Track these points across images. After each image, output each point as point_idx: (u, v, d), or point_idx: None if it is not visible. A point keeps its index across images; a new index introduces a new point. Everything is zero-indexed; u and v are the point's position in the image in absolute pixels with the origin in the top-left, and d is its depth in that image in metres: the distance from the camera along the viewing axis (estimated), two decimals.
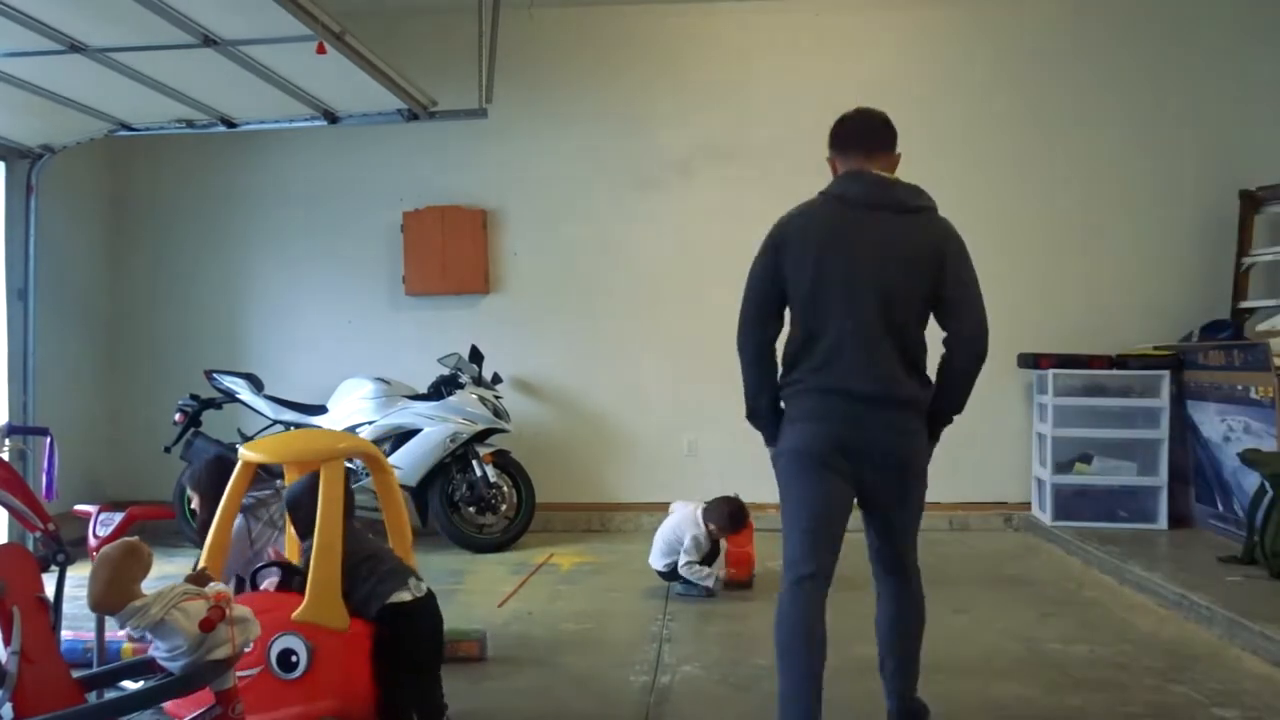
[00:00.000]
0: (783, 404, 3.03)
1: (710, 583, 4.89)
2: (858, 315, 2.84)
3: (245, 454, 3.11)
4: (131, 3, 3.71)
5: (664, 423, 6.97)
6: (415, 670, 2.97)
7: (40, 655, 2.37)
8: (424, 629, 2.99)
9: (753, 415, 3.12)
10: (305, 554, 2.96)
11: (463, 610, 4.67)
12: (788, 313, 3.00)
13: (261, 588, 3.03)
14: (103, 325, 7.17)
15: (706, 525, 4.93)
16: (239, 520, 3.42)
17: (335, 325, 7.13)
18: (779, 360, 3.02)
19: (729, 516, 4.94)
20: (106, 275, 7.20)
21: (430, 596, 3.05)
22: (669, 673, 3.83)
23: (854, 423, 2.86)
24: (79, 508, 3.57)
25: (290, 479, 3.30)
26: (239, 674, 2.52)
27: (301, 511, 3.06)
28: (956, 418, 3.07)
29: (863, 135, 3.15)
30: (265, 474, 3.76)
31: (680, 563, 4.89)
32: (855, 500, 2.98)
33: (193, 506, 3.79)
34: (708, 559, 5.00)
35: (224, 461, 3.54)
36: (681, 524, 4.97)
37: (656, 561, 5.05)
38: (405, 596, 2.94)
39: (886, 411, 2.86)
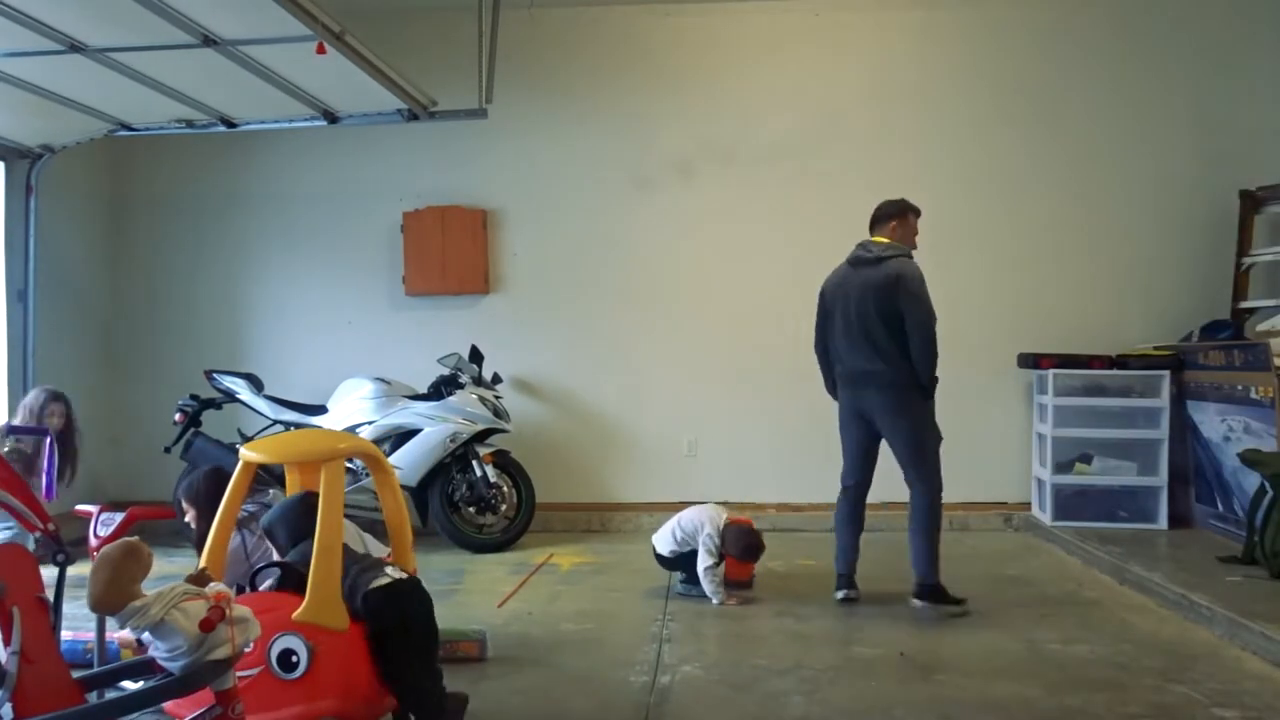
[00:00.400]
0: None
1: (717, 599, 4.86)
2: (850, 329, 4.77)
3: (246, 454, 3.10)
4: (131, 3, 3.72)
5: (664, 423, 6.97)
6: (415, 653, 2.96)
7: (40, 655, 2.37)
8: (411, 606, 2.97)
9: (828, 389, 5.12)
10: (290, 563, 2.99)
11: (463, 610, 4.67)
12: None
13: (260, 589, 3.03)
14: (103, 326, 7.17)
15: (722, 544, 4.89)
16: (235, 537, 3.40)
17: (335, 325, 7.13)
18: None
19: (743, 549, 4.90)
20: (106, 275, 7.20)
21: (413, 578, 3.06)
22: (669, 673, 3.83)
23: (859, 391, 4.81)
24: (79, 508, 3.57)
25: (290, 480, 3.30)
26: (239, 674, 2.52)
27: (276, 532, 3.15)
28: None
29: (872, 217, 4.97)
30: (265, 474, 3.76)
31: (701, 565, 4.85)
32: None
33: (186, 520, 3.70)
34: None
35: (220, 474, 3.49)
36: (700, 521, 4.92)
37: (662, 546, 5.01)
38: (385, 580, 2.94)
39: (872, 381, 4.74)
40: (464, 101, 5.57)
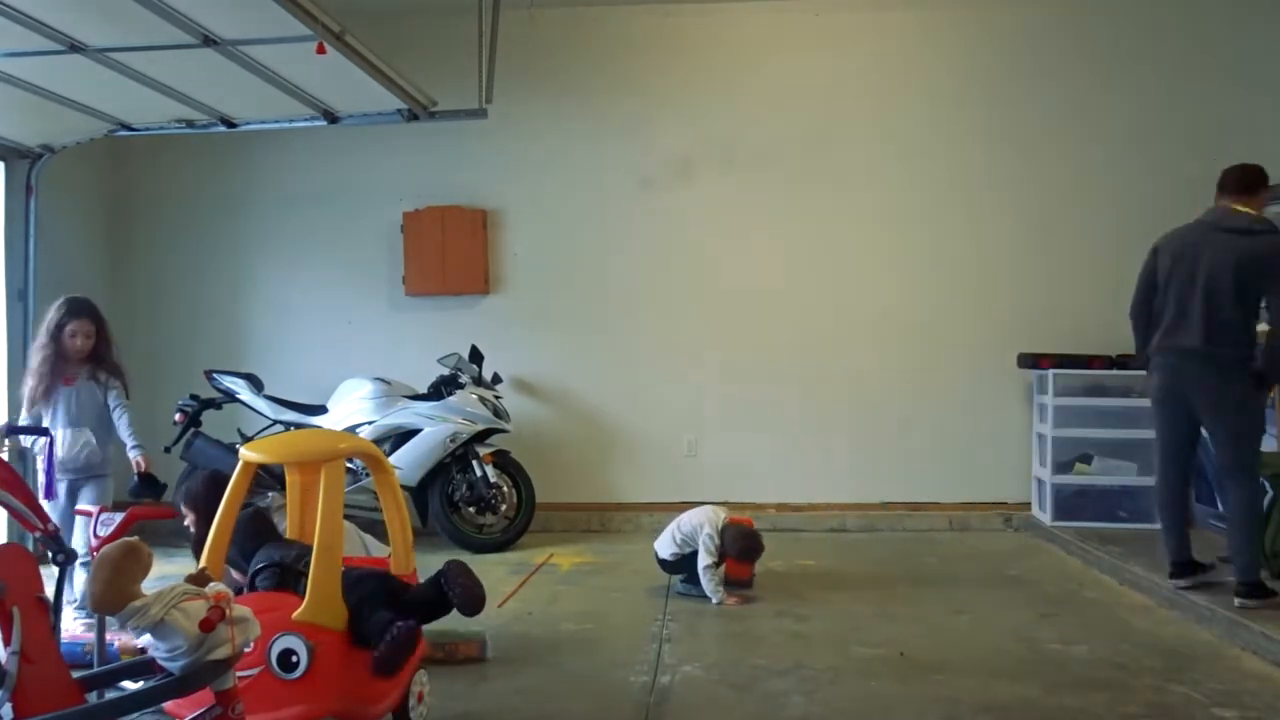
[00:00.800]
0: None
1: (717, 598, 4.85)
2: (1189, 298, 4.39)
3: (246, 454, 3.10)
4: (131, 3, 3.71)
5: (664, 423, 6.97)
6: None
7: (40, 655, 2.37)
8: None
9: (1137, 361, 4.86)
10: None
11: None
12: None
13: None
14: None
15: (721, 539, 4.89)
16: None
17: (335, 325, 7.12)
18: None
19: (740, 550, 4.89)
20: (106, 275, 7.19)
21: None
22: (669, 673, 3.83)
23: (1181, 369, 4.44)
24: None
25: (290, 480, 3.30)
26: (239, 674, 2.52)
27: (233, 559, 3.14)
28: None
29: (1235, 181, 4.51)
30: (266, 474, 3.76)
31: (701, 564, 4.86)
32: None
33: (186, 524, 3.68)
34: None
35: (217, 478, 3.48)
36: (699, 522, 4.92)
37: (663, 550, 5.01)
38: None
39: (1199, 361, 4.37)
40: (464, 101, 5.57)
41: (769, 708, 3.47)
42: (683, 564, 4.96)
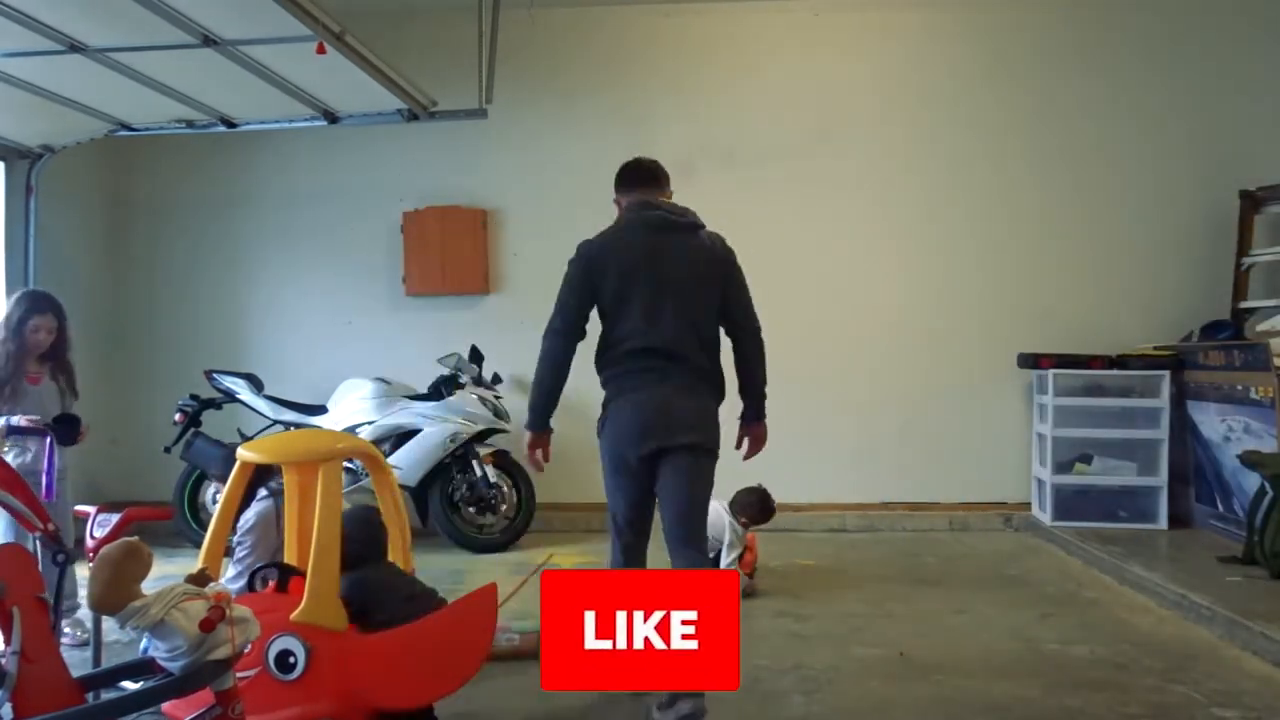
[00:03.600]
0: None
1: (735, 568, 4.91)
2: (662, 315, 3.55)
3: (244, 454, 3.11)
4: (131, 3, 3.72)
5: None
6: None
7: (40, 655, 2.37)
8: None
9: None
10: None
11: None
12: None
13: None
14: (103, 325, 7.16)
15: (738, 519, 4.92)
16: (269, 504, 3.54)
17: (335, 325, 7.12)
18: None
19: (758, 505, 4.93)
20: (106, 275, 7.20)
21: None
22: None
23: None
24: (78, 508, 3.57)
25: (289, 480, 3.30)
26: (237, 674, 2.52)
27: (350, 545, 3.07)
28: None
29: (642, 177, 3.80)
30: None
31: (724, 560, 4.89)
32: None
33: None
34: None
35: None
36: (720, 522, 4.94)
37: None
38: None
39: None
40: (464, 101, 5.57)
41: (769, 708, 3.47)
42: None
